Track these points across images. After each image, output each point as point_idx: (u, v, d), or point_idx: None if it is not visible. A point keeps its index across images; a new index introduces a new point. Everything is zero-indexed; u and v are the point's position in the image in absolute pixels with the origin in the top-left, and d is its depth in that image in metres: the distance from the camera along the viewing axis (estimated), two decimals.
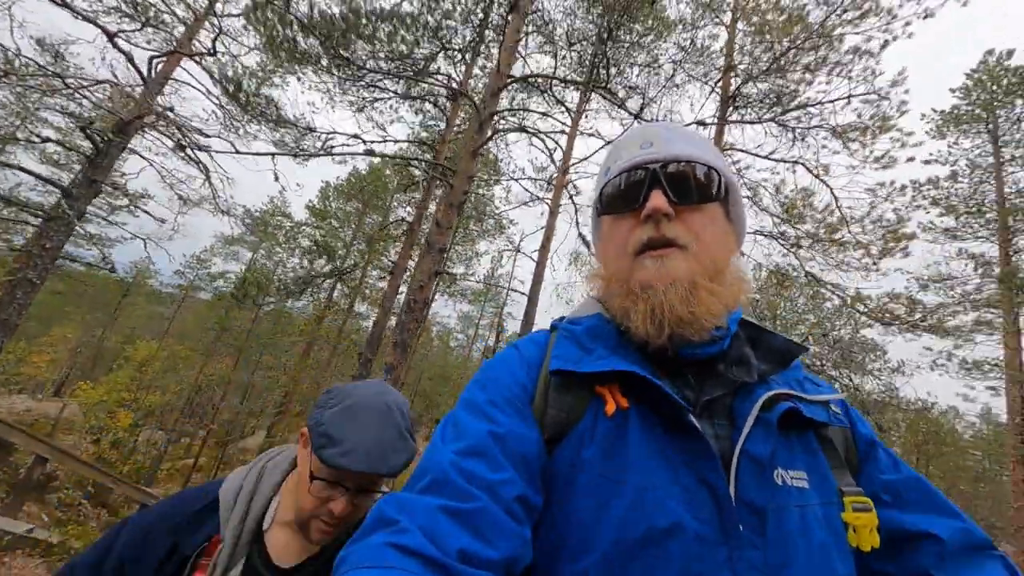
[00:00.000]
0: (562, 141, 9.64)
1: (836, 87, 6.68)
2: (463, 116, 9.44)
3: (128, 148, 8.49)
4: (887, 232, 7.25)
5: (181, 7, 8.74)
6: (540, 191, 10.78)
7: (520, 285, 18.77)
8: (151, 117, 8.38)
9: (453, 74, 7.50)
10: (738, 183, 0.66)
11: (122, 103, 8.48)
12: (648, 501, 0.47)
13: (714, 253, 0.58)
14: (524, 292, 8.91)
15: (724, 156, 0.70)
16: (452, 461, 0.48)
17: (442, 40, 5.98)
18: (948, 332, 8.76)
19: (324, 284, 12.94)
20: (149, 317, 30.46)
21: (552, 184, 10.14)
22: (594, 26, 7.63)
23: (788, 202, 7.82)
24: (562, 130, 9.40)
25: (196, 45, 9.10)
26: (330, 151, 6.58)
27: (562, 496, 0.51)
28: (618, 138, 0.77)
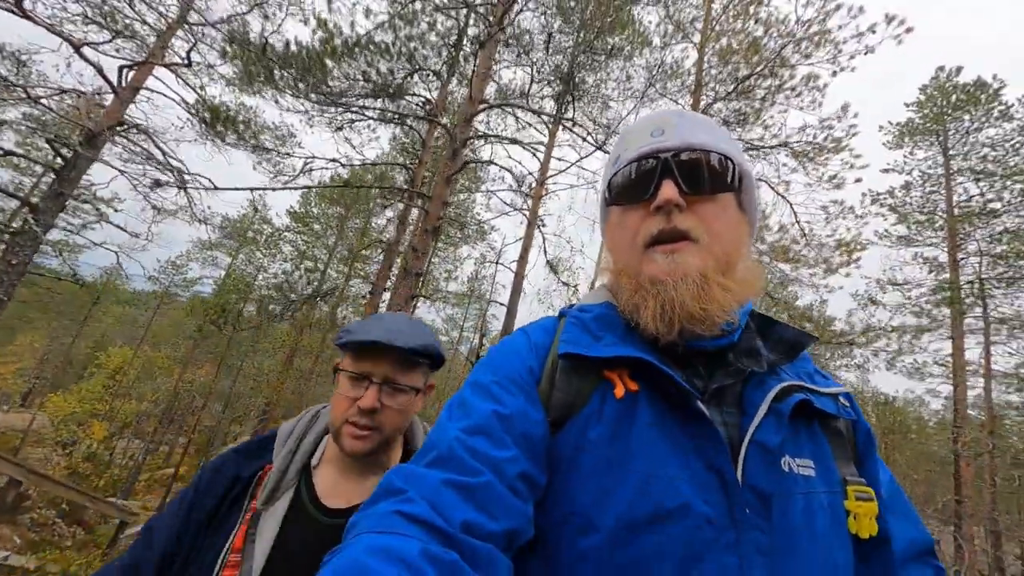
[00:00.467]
0: (540, 153, 9.85)
1: (793, 110, 7.13)
2: (439, 135, 9.56)
3: (97, 160, 8.32)
4: (840, 246, 7.77)
5: (153, 16, 8.56)
6: (519, 200, 10.98)
7: (502, 290, 18.99)
8: (122, 127, 8.22)
9: (428, 96, 7.64)
10: (752, 171, 0.63)
11: (89, 112, 8.28)
12: (656, 483, 0.48)
13: (727, 246, 0.57)
14: (503, 303, 9.14)
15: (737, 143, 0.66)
16: (458, 438, 0.50)
17: (414, 65, 6.13)
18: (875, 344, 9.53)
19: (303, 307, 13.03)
20: (121, 321, 29.45)
21: (530, 196, 10.36)
22: (570, 40, 7.85)
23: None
24: (540, 140, 9.61)
25: (169, 54, 8.95)
26: (309, 171, 6.68)
27: (566, 475, 0.52)
28: (628, 125, 0.74)
